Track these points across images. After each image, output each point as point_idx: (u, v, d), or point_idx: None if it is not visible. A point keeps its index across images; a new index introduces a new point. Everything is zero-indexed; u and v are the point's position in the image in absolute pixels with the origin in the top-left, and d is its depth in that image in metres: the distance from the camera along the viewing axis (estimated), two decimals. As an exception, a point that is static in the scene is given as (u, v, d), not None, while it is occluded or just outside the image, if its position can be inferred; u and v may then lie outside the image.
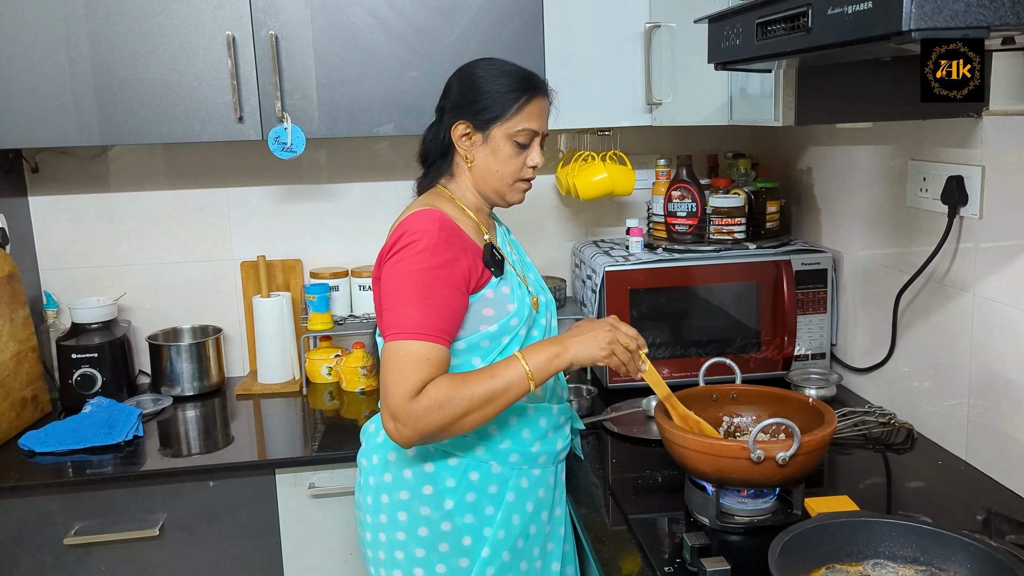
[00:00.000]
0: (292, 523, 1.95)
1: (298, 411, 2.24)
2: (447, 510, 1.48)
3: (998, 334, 1.59)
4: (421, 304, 1.36)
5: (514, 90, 1.48)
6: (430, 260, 1.37)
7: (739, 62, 1.38)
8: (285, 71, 2.00)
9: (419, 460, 1.49)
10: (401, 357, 1.33)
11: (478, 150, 1.51)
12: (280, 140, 1.99)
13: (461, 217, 1.50)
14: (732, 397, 1.67)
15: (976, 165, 1.62)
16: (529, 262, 1.68)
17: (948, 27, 0.90)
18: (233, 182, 2.42)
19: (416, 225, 1.41)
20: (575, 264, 2.44)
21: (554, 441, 1.57)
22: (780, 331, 2.15)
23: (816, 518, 1.20)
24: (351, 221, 2.48)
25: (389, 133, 2.06)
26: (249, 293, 2.43)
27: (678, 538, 1.44)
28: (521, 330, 1.49)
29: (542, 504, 1.55)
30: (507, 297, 1.48)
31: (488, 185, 1.54)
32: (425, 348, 1.34)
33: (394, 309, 1.37)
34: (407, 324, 1.35)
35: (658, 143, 2.52)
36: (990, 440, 1.63)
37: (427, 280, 1.37)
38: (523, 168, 1.53)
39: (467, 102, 1.50)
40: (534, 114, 1.50)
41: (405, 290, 1.37)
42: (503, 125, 1.48)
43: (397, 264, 1.39)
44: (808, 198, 2.32)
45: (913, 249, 1.84)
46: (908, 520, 1.20)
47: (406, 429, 1.33)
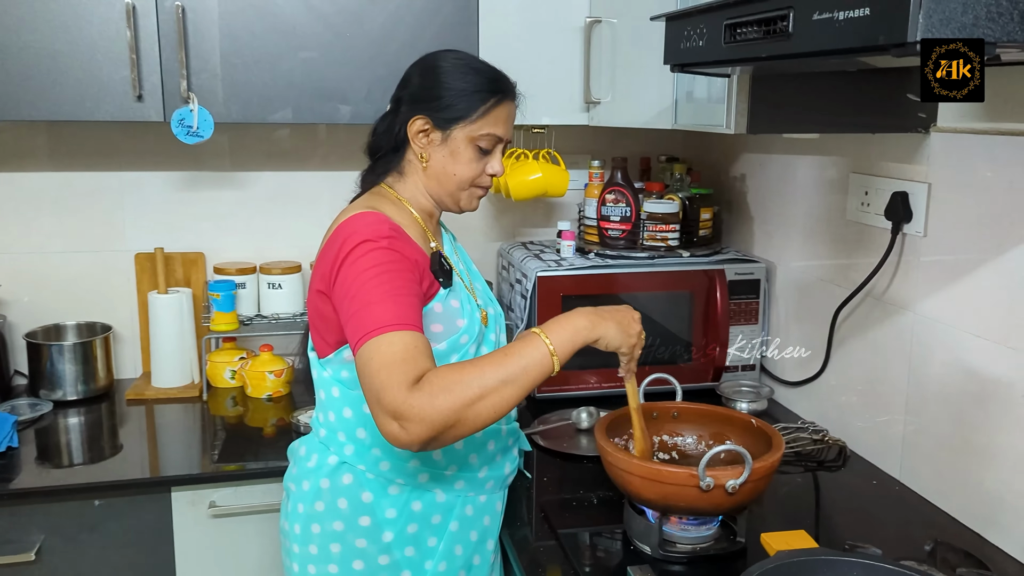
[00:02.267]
0: (190, 547, 1.78)
1: (197, 418, 2.06)
2: (386, 543, 1.36)
3: (938, 353, 1.56)
4: (390, 297, 1.19)
5: (483, 90, 1.36)
6: (388, 255, 1.24)
7: (700, 65, 1.29)
8: (192, 47, 1.81)
9: (356, 488, 1.36)
10: (384, 351, 1.14)
11: (435, 149, 1.39)
12: (185, 123, 1.80)
13: (407, 222, 1.37)
14: (673, 415, 1.59)
15: (922, 182, 1.58)
16: (476, 271, 1.56)
17: (956, 39, 0.83)
18: (128, 166, 2.20)
19: (363, 226, 1.27)
20: (502, 266, 2.33)
21: (502, 465, 1.47)
22: (712, 342, 2.10)
23: (776, 556, 1.12)
24: (260, 213, 2.29)
25: (308, 121, 1.90)
26: (144, 288, 2.22)
27: (621, 570, 1.35)
28: (471, 348, 1.37)
29: (487, 532, 1.45)
30: (456, 311, 1.36)
31: (442, 188, 1.41)
32: (409, 337, 1.17)
33: (360, 311, 1.19)
34: (380, 320, 1.17)
35: (591, 143, 2.43)
36: (925, 461, 1.60)
37: (390, 274, 1.22)
38: (481, 175, 1.41)
39: (429, 96, 1.37)
40: (501, 119, 1.39)
41: (369, 288, 1.20)
42: (467, 126, 1.36)
43: (352, 265, 1.23)
44: (741, 206, 2.27)
45: (851, 263, 1.80)
46: (868, 559, 1.13)
47: (413, 424, 1.10)
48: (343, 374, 1.36)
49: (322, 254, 1.33)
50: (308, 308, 1.39)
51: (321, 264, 1.32)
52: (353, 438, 1.37)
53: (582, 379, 2.07)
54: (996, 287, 1.42)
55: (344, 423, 1.38)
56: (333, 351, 1.34)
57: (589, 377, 2.07)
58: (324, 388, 1.40)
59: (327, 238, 1.34)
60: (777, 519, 1.53)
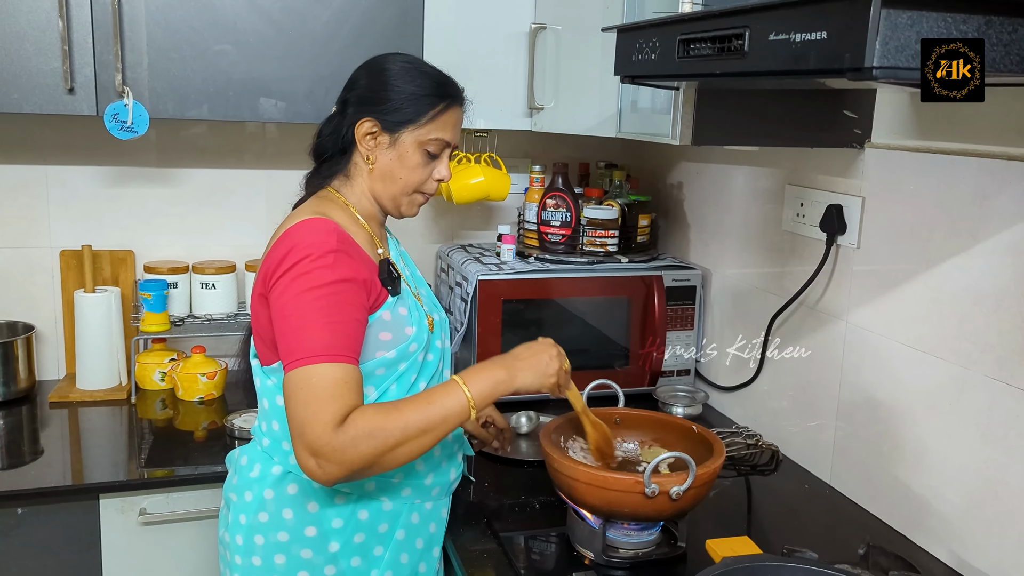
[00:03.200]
0: (119, 555, 1.72)
1: (124, 421, 1.99)
2: (332, 553, 1.33)
3: (869, 362, 1.62)
4: (327, 324, 1.19)
5: (432, 94, 1.35)
6: (331, 275, 1.21)
7: (651, 77, 1.31)
8: (128, 39, 1.75)
9: (301, 499, 1.33)
10: (315, 384, 1.16)
11: (383, 152, 1.36)
12: (119, 118, 1.74)
13: (354, 228, 1.35)
14: (615, 421, 1.61)
15: (856, 195, 1.64)
16: (420, 276, 1.54)
17: (908, 67, 0.86)
18: (54, 159, 2.11)
19: (309, 236, 1.24)
20: (441, 268, 2.32)
21: (447, 471, 1.45)
22: (649, 346, 2.13)
23: (722, 563, 1.15)
24: (193, 211, 2.23)
25: (246, 119, 1.86)
26: (70, 287, 2.14)
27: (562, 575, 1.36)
28: (419, 355, 1.36)
29: (433, 540, 1.44)
30: (405, 319, 1.34)
31: (386, 192, 1.39)
32: (340, 370, 1.17)
33: (296, 333, 1.19)
34: (314, 347, 1.17)
35: (531, 148, 2.44)
36: (855, 465, 1.66)
37: (330, 297, 1.20)
38: (428, 180, 1.40)
39: (378, 99, 1.35)
40: (450, 124, 1.38)
41: (307, 311, 1.19)
42: (416, 130, 1.35)
43: (293, 282, 1.21)
44: (678, 213, 2.31)
45: (785, 271, 1.85)
46: (809, 564, 1.17)
47: (331, 465, 1.14)
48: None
49: (266, 259, 1.30)
50: (252, 313, 1.35)
51: (263, 269, 1.29)
52: None
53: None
54: (925, 299, 1.48)
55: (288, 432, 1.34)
56: (278, 360, 1.30)
57: (529, 381, 2.07)
58: (267, 397, 1.36)
59: (272, 243, 1.31)
60: (714, 524, 1.56)
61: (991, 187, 1.34)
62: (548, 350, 1.34)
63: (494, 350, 2.03)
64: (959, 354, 1.41)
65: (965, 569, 1.40)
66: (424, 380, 1.38)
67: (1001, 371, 1.33)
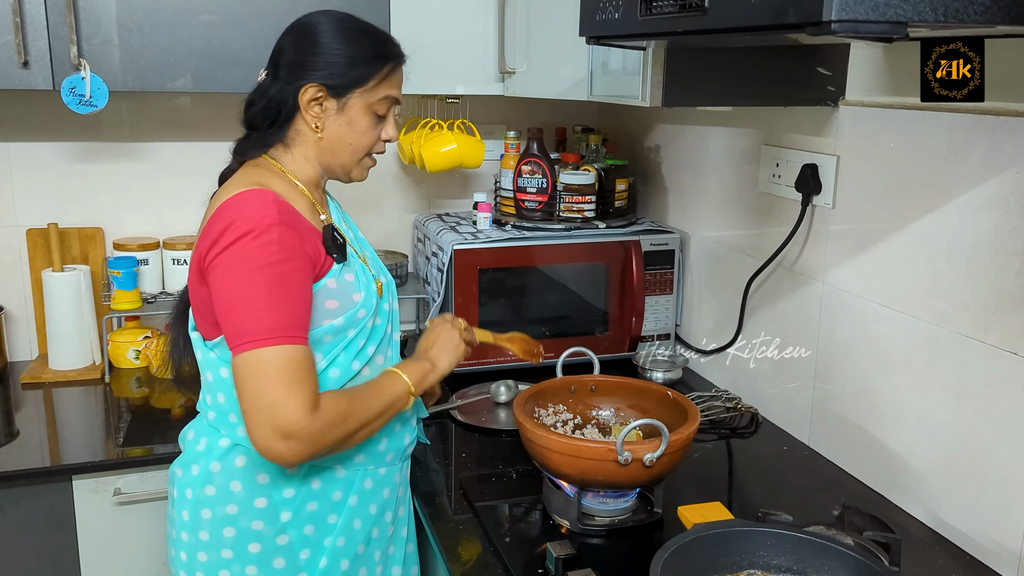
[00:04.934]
0: (93, 538, 1.71)
1: (99, 401, 1.97)
2: (284, 523, 1.31)
3: (845, 322, 1.61)
4: (278, 304, 1.16)
5: (379, 55, 1.30)
6: (275, 252, 1.17)
7: (616, 38, 1.27)
8: (83, 10, 1.70)
9: (251, 470, 1.31)
10: (273, 367, 1.14)
11: (331, 118, 1.31)
12: (77, 91, 1.69)
13: (294, 195, 1.30)
14: (591, 388, 1.60)
15: (831, 154, 1.61)
16: (364, 239, 1.50)
17: (868, 20, 0.83)
18: (16, 136, 2.07)
19: (249, 210, 1.19)
20: (417, 239, 2.29)
21: (401, 436, 1.43)
22: (628, 312, 2.11)
23: (693, 530, 1.14)
24: (162, 186, 2.19)
25: (210, 89, 1.81)
26: (38, 266, 2.10)
27: (539, 546, 1.35)
28: (368, 321, 1.33)
29: (386, 505, 1.42)
30: (351, 285, 1.31)
31: (336, 159, 1.34)
32: (299, 352, 1.17)
33: (242, 314, 1.16)
34: (264, 328, 1.15)
35: (505, 113, 2.40)
36: (833, 426, 1.66)
37: (275, 276, 1.17)
38: (377, 142, 1.36)
39: (317, 63, 1.28)
40: (396, 82, 1.34)
41: (252, 290, 1.16)
42: (365, 94, 1.30)
43: (236, 260, 1.17)
44: (655, 177, 2.28)
45: (762, 233, 1.83)
46: (781, 528, 1.16)
47: (303, 446, 1.15)
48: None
49: (203, 234, 1.24)
50: (189, 287, 1.31)
51: (201, 245, 1.24)
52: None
53: (500, 352, 2.06)
54: (899, 258, 1.46)
55: (235, 404, 1.28)
56: (221, 335, 1.27)
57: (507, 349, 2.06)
58: (211, 369, 1.33)
59: (208, 217, 1.26)
60: (692, 488, 1.56)
61: (963, 143, 1.32)
62: (442, 326, 1.45)
63: (472, 320, 2.00)
64: (933, 312, 1.40)
65: (940, 526, 1.41)
66: (373, 344, 1.36)
67: (975, 329, 1.32)
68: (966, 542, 1.36)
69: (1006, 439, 1.28)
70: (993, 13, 0.87)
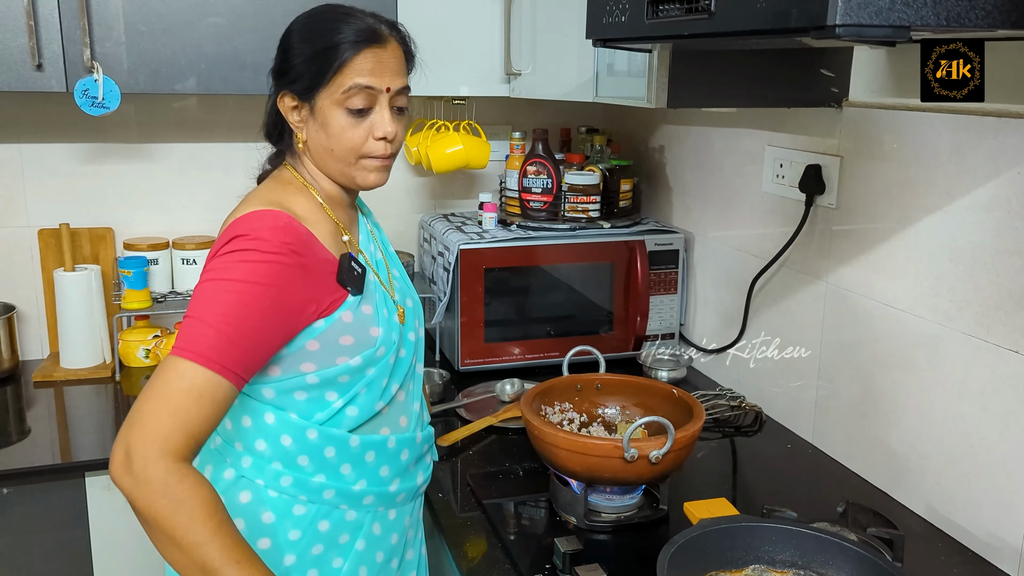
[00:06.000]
0: (106, 532, 1.73)
1: (110, 399, 1.99)
2: (287, 567, 1.21)
3: (848, 321, 1.62)
4: (225, 323, 1.06)
5: (333, 45, 1.17)
6: (254, 274, 1.08)
7: (622, 40, 1.29)
8: (95, 13, 1.72)
9: (255, 507, 1.21)
10: (173, 382, 1.03)
11: (309, 125, 1.22)
12: (89, 93, 1.72)
13: (316, 215, 1.21)
14: (596, 387, 1.62)
15: (834, 155, 1.63)
16: (393, 253, 1.42)
17: (872, 24, 0.85)
18: (28, 137, 2.09)
19: (257, 230, 1.11)
20: (424, 239, 2.31)
21: (414, 475, 1.33)
22: (632, 311, 2.13)
23: (699, 525, 1.16)
24: (171, 186, 2.21)
25: (219, 91, 1.83)
26: (50, 266, 2.12)
27: (546, 542, 1.37)
28: (390, 358, 1.24)
29: (394, 551, 1.31)
30: (369, 319, 1.21)
31: (329, 166, 1.24)
32: (209, 379, 1.03)
33: (192, 319, 1.07)
34: (199, 342, 1.04)
35: (511, 114, 2.42)
36: (836, 424, 1.67)
37: (243, 296, 1.07)
38: (367, 141, 1.21)
39: (286, 68, 1.21)
40: (365, 68, 1.17)
41: (212, 300, 1.07)
42: (326, 90, 1.18)
43: (219, 267, 1.09)
44: (660, 177, 2.30)
45: (766, 233, 1.85)
46: (786, 524, 1.18)
47: (128, 480, 0.99)
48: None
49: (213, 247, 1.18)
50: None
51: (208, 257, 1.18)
52: (251, 449, 1.21)
53: (506, 351, 2.08)
54: (903, 257, 1.48)
55: (242, 432, 1.22)
56: None
57: (512, 348, 2.08)
58: None
59: (223, 226, 1.19)
60: (697, 486, 1.57)
61: (966, 144, 1.33)
62: None
63: (478, 319, 2.03)
64: (936, 311, 1.41)
65: (943, 523, 1.42)
66: (396, 382, 1.26)
67: (977, 327, 1.33)
68: (968, 538, 1.37)
69: (1008, 436, 1.29)
70: (995, 17, 0.88)
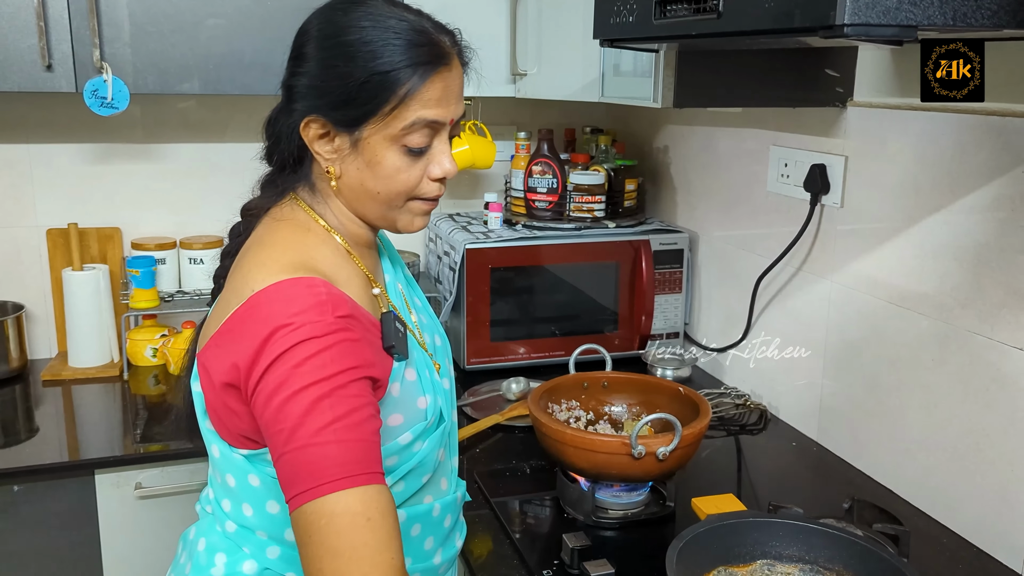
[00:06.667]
0: (115, 529, 1.74)
1: (118, 398, 2.00)
2: None
3: (853, 319, 1.63)
4: (336, 431, 0.85)
5: (398, 66, 0.94)
6: (328, 364, 0.87)
7: (630, 40, 1.30)
8: (104, 14, 1.73)
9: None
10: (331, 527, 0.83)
11: (346, 160, 0.98)
12: (99, 94, 1.73)
13: (346, 270, 1.00)
14: (603, 385, 1.63)
15: (839, 155, 1.64)
16: (411, 278, 1.21)
17: (879, 24, 0.86)
18: (37, 138, 2.10)
19: (296, 315, 0.88)
20: (429, 239, 2.32)
21: (453, 541, 1.18)
22: (637, 311, 2.14)
23: (707, 520, 1.17)
24: (179, 186, 2.22)
25: (227, 92, 1.85)
26: (58, 265, 2.13)
27: (554, 538, 1.38)
28: (440, 427, 1.07)
29: None
30: (415, 387, 1.03)
31: (369, 210, 1.02)
32: (362, 497, 0.84)
33: (299, 449, 0.85)
34: (327, 467, 0.84)
35: (516, 114, 2.43)
36: (841, 422, 1.68)
37: (333, 394, 0.86)
38: (422, 181, 1.00)
39: (322, 88, 0.96)
40: (432, 97, 0.96)
41: (306, 416, 0.85)
42: (382, 124, 0.95)
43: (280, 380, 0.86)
44: (664, 177, 2.31)
45: (771, 232, 1.86)
46: (793, 519, 1.19)
47: None
48: (270, 469, 0.98)
49: (231, 326, 0.93)
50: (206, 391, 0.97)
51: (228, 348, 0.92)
52: (279, 539, 1.02)
53: (511, 350, 2.09)
54: (908, 256, 1.49)
55: (268, 520, 1.01)
56: (257, 448, 0.98)
57: (518, 348, 2.09)
58: (235, 474, 1.01)
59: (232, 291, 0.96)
60: (703, 483, 1.58)
61: (970, 143, 1.34)
62: None
63: (483, 318, 2.04)
64: (941, 309, 1.42)
65: (948, 519, 1.43)
66: (442, 446, 1.10)
67: (981, 325, 1.34)
68: (973, 534, 1.38)
69: (1012, 433, 1.30)
70: (1000, 17, 0.89)
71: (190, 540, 1.10)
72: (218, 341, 0.94)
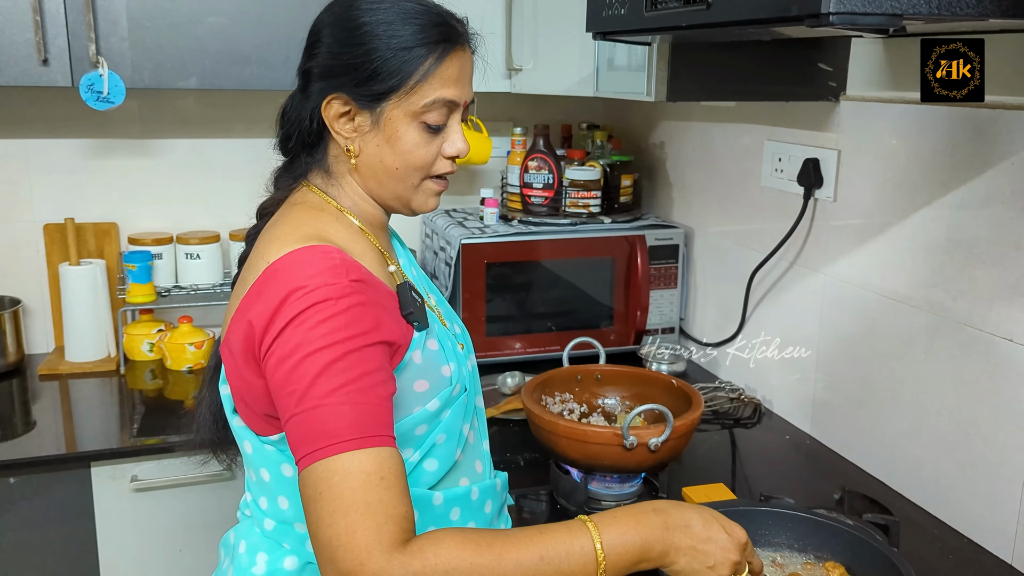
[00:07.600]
0: (112, 523, 1.75)
1: (114, 392, 2.01)
2: None
3: (846, 313, 1.64)
4: (349, 393, 0.86)
5: (419, 43, 0.99)
6: (344, 327, 0.88)
7: (622, 33, 1.31)
8: (100, 8, 1.74)
9: None
10: (344, 485, 0.83)
11: (366, 138, 1.02)
12: (95, 88, 1.74)
13: (360, 245, 1.02)
14: (596, 378, 1.63)
15: (832, 148, 1.65)
16: (425, 276, 1.21)
17: (865, 12, 0.87)
18: (33, 133, 2.11)
19: (311, 277, 0.90)
20: (426, 234, 2.33)
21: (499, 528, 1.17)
22: (633, 306, 2.15)
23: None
24: (175, 182, 2.23)
25: (223, 87, 1.86)
26: (55, 260, 2.14)
27: (547, 528, 1.38)
28: (464, 398, 1.07)
29: None
30: (439, 356, 1.04)
31: (384, 188, 1.06)
32: (375, 457, 0.84)
33: (313, 409, 0.86)
34: (339, 427, 0.85)
35: (512, 110, 2.43)
36: (834, 416, 1.69)
37: (348, 355, 0.88)
38: (437, 159, 1.05)
39: (345, 65, 1.00)
40: (451, 76, 1.02)
41: (321, 377, 0.86)
42: (403, 100, 1.00)
43: (297, 341, 0.88)
44: (660, 172, 2.32)
45: (765, 227, 1.86)
46: (783, 508, 1.20)
47: None
48: None
49: (248, 299, 0.95)
50: (228, 370, 1.01)
51: (244, 315, 0.94)
52: None
53: (507, 344, 2.09)
54: (900, 250, 1.49)
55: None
56: (279, 432, 0.99)
57: (514, 343, 2.10)
58: (267, 467, 1.02)
59: (248, 269, 0.99)
60: (696, 475, 1.59)
61: (962, 136, 1.35)
62: (728, 552, 0.94)
63: (479, 314, 2.05)
64: (932, 302, 1.43)
65: (938, 510, 1.44)
66: (467, 422, 1.09)
67: (972, 317, 1.35)
68: (963, 524, 1.39)
69: (1002, 424, 1.31)
70: (985, 6, 0.90)
71: (231, 544, 1.11)
72: (237, 318, 0.97)
